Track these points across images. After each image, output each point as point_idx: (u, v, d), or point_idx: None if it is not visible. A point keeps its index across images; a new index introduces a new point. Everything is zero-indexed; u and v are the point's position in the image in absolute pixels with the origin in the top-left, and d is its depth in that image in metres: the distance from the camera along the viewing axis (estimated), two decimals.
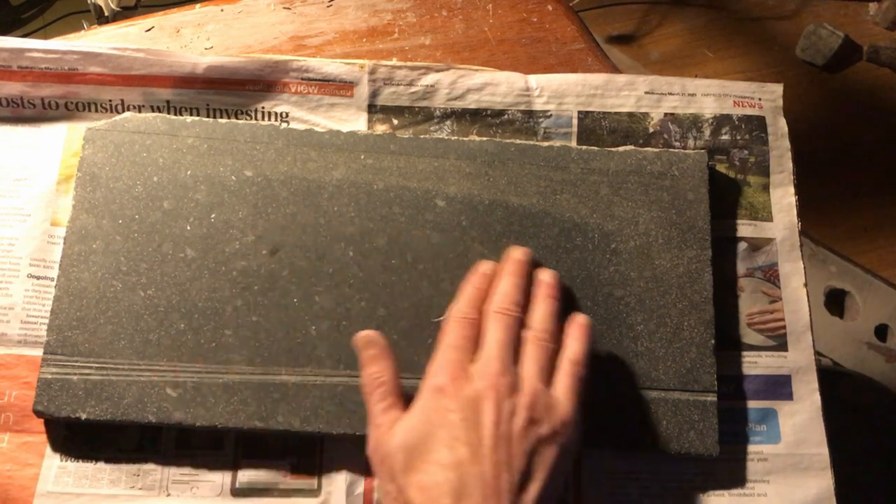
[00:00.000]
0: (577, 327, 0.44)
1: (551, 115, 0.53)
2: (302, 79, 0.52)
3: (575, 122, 0.53)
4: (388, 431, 0.40)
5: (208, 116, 0.51)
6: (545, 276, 0.45)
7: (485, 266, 0.46)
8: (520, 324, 0.43)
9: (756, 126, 0.53)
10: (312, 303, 0.47)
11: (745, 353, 0.49)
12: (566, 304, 0.46)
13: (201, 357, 0.46)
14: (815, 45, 1.33)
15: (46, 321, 0.46)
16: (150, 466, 0.46)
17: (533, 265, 0.46)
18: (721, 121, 0.53)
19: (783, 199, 0.52)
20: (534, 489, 0.38)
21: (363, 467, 0.46)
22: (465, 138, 0.51)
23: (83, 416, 0.44)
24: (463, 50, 0.57)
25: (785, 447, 0.48)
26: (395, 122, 0.52)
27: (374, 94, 0.52)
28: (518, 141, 0.51)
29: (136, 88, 0.51)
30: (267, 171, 0.49)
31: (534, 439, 0.39)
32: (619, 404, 0.46)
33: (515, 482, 0.37)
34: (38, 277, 0.48)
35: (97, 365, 0.45)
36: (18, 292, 0.47)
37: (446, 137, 0.51)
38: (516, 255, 0.46)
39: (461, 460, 0.38)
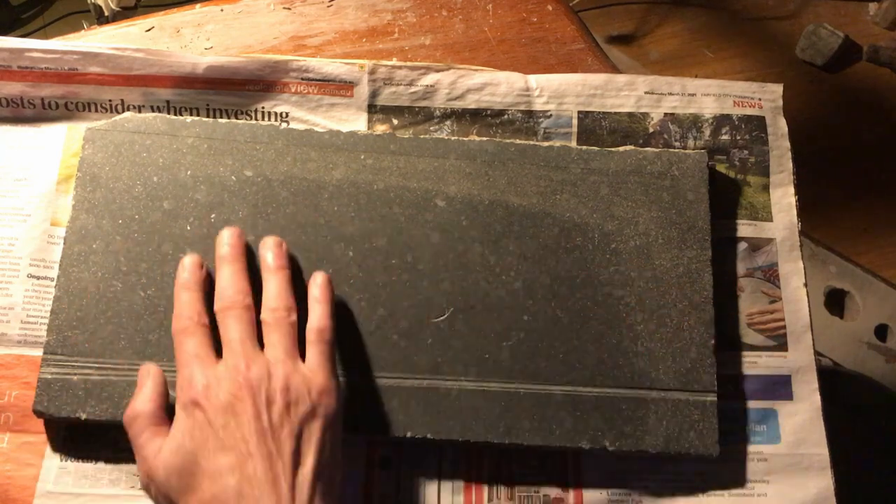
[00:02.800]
0: (315, 288, 0.44)
1: (551, 115, 0.53)
2: (302, 79, 0.52)
3: (575, 122, 0.53)
4: (154, 460, 0.39)
5: (208, 116, 0.51)
6: (270, 247, 0.45)
7: (186, 261, 0.44)
8: (252, 310, 0.42)
9: (756, 126, 0.53)
10: None
11: (745, 353, 0.49)
12: (296, 268, 0.46)
13: None
14: (815, 45, 1.33)
15: (46, 321, 0.46)
16: None
17: (245, 243, 0.45)
18: (721, 121, 0.53)
19: (783, 199, 0.52)
20: (308, 463, 0.38)
21: (364, 467, 0.46)
22: (465, 138, 0.51)
23: (83, 416, 0.44)
24: (463, 50, 0.57)
25: (785, 447, 0.48)
26: (395, 122, 0.52)
27: (374, 94, 0.52)
28: (518, 141, 0.51)
29: (136, 88, 0.51)
30: (267, 171, 0.49)
31: (296, 419, 0.39)
32: (619, 404, 0.46)
33: (288, 464, 0.38)
34: (38, 277, 0.48)
35: (97, 365, 0.45)
36: (18, 292, 0.47)
37: (446, 137, 0.51)
38: (224, 239, 0.45)
39: (232, 465, 0.38)
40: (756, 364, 0.49)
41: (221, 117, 0.52)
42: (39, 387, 0.45)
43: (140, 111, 0.51)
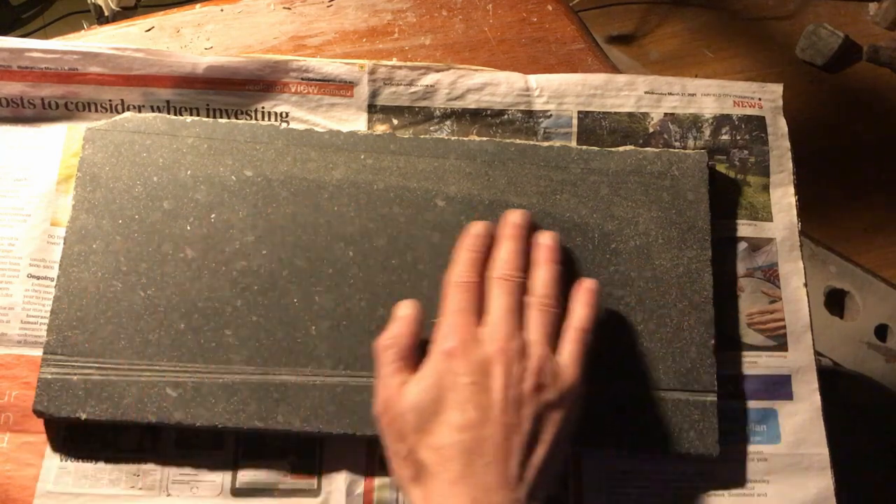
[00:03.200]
0: (583, 292, 0.44)
1: (551, 115, 0.53)
2: (302, 79, 0.52)
3: (575, 122, 0.53)
4: (398, 392, 0.40)
5: (208, 116, 0.51)
6: (545, 240, 0.45)
7: (477, 227, 0.46)
8: (522, 289, 0.43)
9: (756, 126, 0.53)
10: (312, 303, 0.47)
11: (745, 353, 0.49)
12: (569, 267, 0.47)
13: (201, 357, 0.46)
14: (815, 45, 1.33)
15: (46, 321, 0.46)
16: (149, 466, 0.46)
17: (532, 228, 0.46)
18: (721, 121, 0.53)
19: (783, 199, 0.52)
20: (541, 451, 0.39)
21: (363, 467, 0.46)
22: (465, 138, 0.51)
23: (83, 416, 0.44)
24: (463, 50, 0.57)
25: (785, 447, 0.48)
26: (395, 122, 0.52)
27: (374, 94, 0.52)
28: (518, 141, 0.51)
29: (136, 88, 0.51)
30: (267, 171, 0.49)
31: (541, 404, 0.40)
32: (618, 404, 0.46)
33: (524, 444, 0.38)
34: (38, 277, 0.48)
35: (97, 365, 0.45)
36: (18, 292, 0.47)
37: (446, 137, 0.51)
38: (514, 218, 0.46)
39: (472, 422, 0.38)
40: (756, 364, 0.49)
41: (221, 117, 0.52)
42: (39, 387, 0.45)
43: (140, 111, 0.51)
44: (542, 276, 0.44)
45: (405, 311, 0.43)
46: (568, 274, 0.45)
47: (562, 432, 0.40)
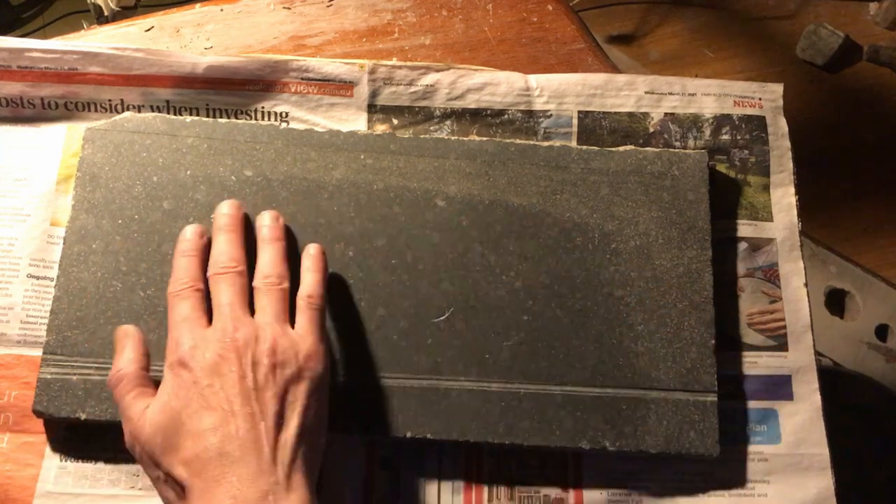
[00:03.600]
0: (308, 259, 0.44)
1: (551, 114, 0.53)
2: (302, 79, 0.52)
3: (575, 121, 0.53)
4: (140, 419, 0.40)
5: (208, 116, 0.51)
6: (264, 220, 0.45)
7: (185, 231, 0.45)
8: (245, 277, 0.43)
9: (756, 126, 0.53)
10: None
11: (745, 354, 0.49)
12: (292, 242, 0.47)
13: None
14: (815, 45, 1.33)
15: (46, 321, 0.46)
16: None
17: (245, 217, 0.46)
18: (721, 121, 0.53)
19: (783, 199, 0.52)
20: (292, 425, 0.39)
21: (363, 468, 0.46)
22: (465, 138, 0.51)
23: (83, 416, 0.44)
24: (463, 50, 0.57)
25: (785, 447, 0.48)
26: (395, 121, 0.52)
27: (373, 94, 0.52)
28: (518, 141, 0.51)
29: (135, 88, 0.51)
30: (267, 171, 0.49)
31: (282, 381, 0.39)
32: (619, 404, 0.46)
33: (271, 426, 0.38)
34: (37, 277, 0.48)
35: (97, 365, 0.45)
36: (18, 292, 0.47)
37: (446, 137, 0.51)
38: (223, 209, 0.46)
39: (215, 424, 0.38)
40: (756, 364, 0.49)
41: (221, 117, 0.51)
42: (39, 387, 0.45)
43: (140, 111, 0.51)
44: (265, 257, 0.44)
45: (123, 339, 0.43)
46: (294, 250, 0.46)
47: (310, 399, 0.40)
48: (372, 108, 0.52)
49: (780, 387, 0.49)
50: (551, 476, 0.47)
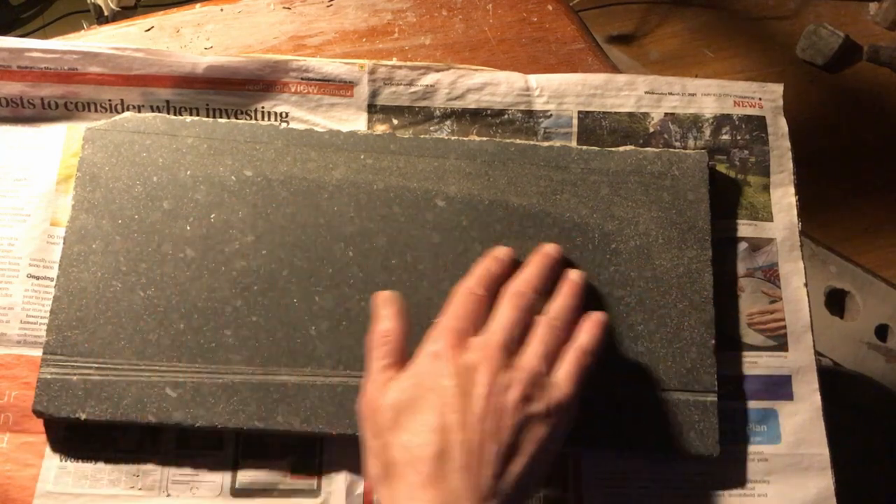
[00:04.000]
0: (592, 322, 0.43)
1: (551, 115, 0.53)
2: (302, 79, 0.52)
3: (575, 122, 0.53)
4: (382, 388, 0.40)
5: (208, 116, 0.51)
6: (574, 276, 0.45)
7: (501, 251, 0.45)
8: (533, 310, 0.42)
9: (756, 126, 0.53)
10: (312, 303, 0.47)
11: (745, 354, 0.49)
12: (589, 308, 0.46)
13: (201, 357, 0.46)
14: (815, 45, 1.33)
15: (46, 321, 0.46)
16: (149, 466, 0.46)
17: (563, 263, 0.46)
18: (721, 121, 0.53)
19: (783, 199, 0.52)
20: (518, 463, 0.38)
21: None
22: (465, 138, 0.51)
23: (83, 417, 0.44)
24: (463, 50, 0.57)
25: (785, 447, 0.48)
26: (395, 121, 0.52)
27: (373, 94, 0.52)
28: (518, 141, 0.51)
29: (135, 88, 0.51)
30: (267, 171, 0.49)
31: (525, 415, 0.39)
32: (619, 404, 0.46)
33: (501, 454, 0.37)
34: (37, 277, 0.48)
35: (97, 365, 0.45)
36: (18, 292, 0.47)
37: (446, 137, 0.51)
38: (547, 249, 0.46)
39: (448, 426, 0.37)
40: (756, 364, 0.49)
41: (221, 117, 0.51)
42: (39, 387, 0.45)
43: (140, 111, 0.51)
44: (560, 302, 0.43)
45: (394, 306, 0.43)
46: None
47: (545, 446, 0.39)
48: (372, 108, 0.52)
49: (780, 387, 0.49)
50: (551, 476, 0.47)
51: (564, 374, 0.41)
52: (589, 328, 0.43)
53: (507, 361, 0.40)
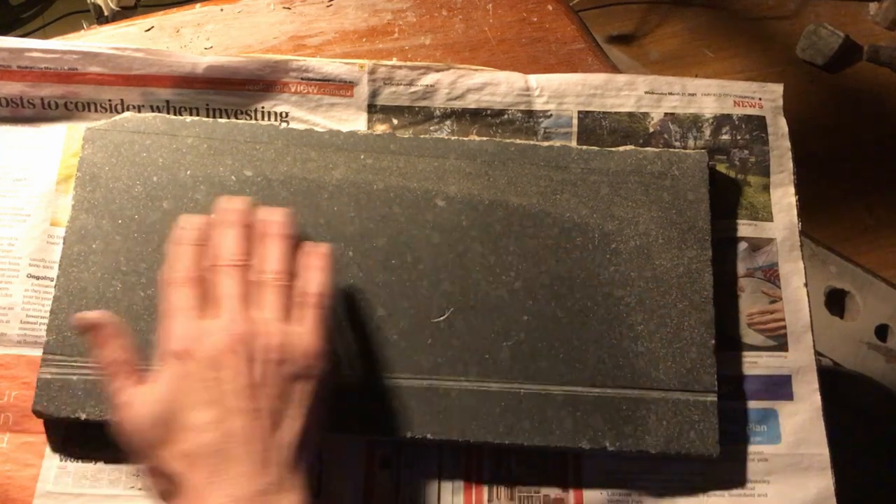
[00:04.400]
0: (314, 257, 0.43)
1: (551, 114, 0.53)
2: (302, 79, 0.52)
3: (575, 121, 0.53)
4: (133, 408, 0.39)
5: (208, 116, 0.51)
6: (273, 215, 0.44)
7: (186, 220, 0.44)
8: (249, 270, 0.42)
9: (756, 126, 0.53)
10: None
11: (745, 354, 0.49)
12: (299, 241, 0.45)
13: None
14: (815, 45, 1.33)
15: (46, 321, 0.46)
16: None
17: (253, 211, 0.44)
18: (721, 121, 0.53)
19: (783, 199, 0.52)
20: (290, 426, 0.38)
21: (363, 468, 0.46)
22: (465, 138, 0.51)
23: (83, 416, 0.44)
24: (463, 50, 0.57)
25: (785, 447, 0.48)
26: (395, 121, 0.52)
27: (373, 94, 0.52)
28: (518, 141, 0.51)
29: (135, 88, 0.51)
30: (267, 171, 0.49)
31: (281, 379, 0.39)
32: (619, 404, 0.46)
33: (270, 425, 0.38)
34: (37, 277, 0.48)
35: (97, 365, 0.45)
36: (18, 292, 0.47)
37: (446, 137, 0.51)
38: (228, 203, 0.44)
39: (213, 420, 0.37)
40: (756, 364, 0.49)
41: (221, 117, 0.51)
42: (39, 387, 0.45)
43: (140, 111, 0.51)
44: (273, 252, 0.43)
45: (100, 325, 0.41)
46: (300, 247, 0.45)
47: (311, 400, 0.39)
48: (372, 108, 0.52)
49: (780, 387, 0.49)
50: (551, 476, 0.47)
51: (307, 324, 0.41)
52: (314, 266, 0.43)
53: (245, 335, 0.39)
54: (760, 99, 0.54)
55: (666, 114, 0.53)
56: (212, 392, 0.38)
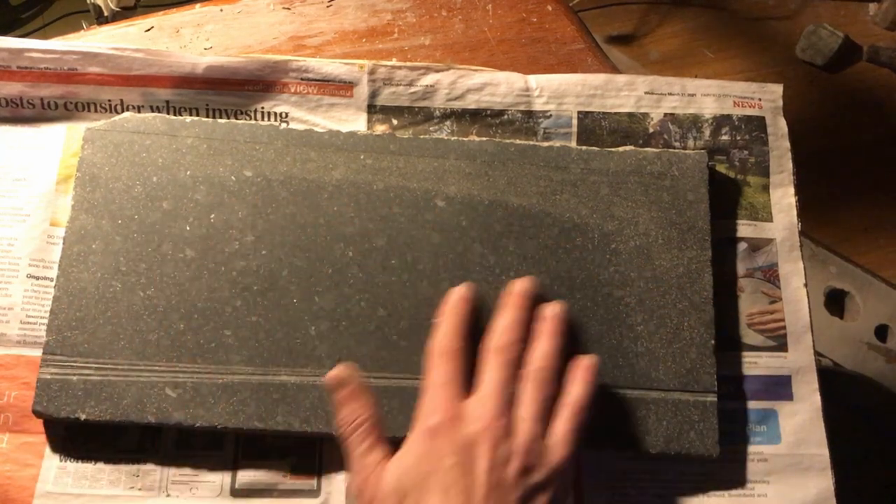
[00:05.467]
0: (582, 370, 0.43)
1: (551, 115, 0.53)
2: (301, 79, 0.52)
3: (575, 122, 0.53)
4: (378, 473, 0.39)
5: (208, 116, 0.51)
6: (552, 311, 0.44)
7: (464, 290, 0.44)
8: (518, 362, 0.42)
9: (756, 126, 0.53)
10: (312, 303, 0.47)
11: (745, 354, 0.49)
12: (573, 340, 0.45)
13: (201, 357, 0.46)
14: (815, 45, 1.33)
15: (46, 321, 0.46)
16: (149, 467, 0.45)
17: (538, 298, 0.45)
18: (721, 121, 0.53)
19: (783, 199, 0.52)
20: None
21: None
22: (464, 138, 0.51)
23: (82, 417, 0.44)
24: (463, 50, 0.57)
25: (785, 447, 0.48)
26: (395, 122, 0.52)
27: (373, 95, 0.52)
28: (518, 141, 0.51)
29: (135, 88, 0.51)
30: (266, 172, 0.49)
31: (527, 487, 0.38)
32: (619, 404, 0.46)
33: None
34: (37, 277, 0.48)
35: (96, 365, 0.45)
36: (18, 292, 0.47)
37: (446, 137, 0.51)
38: (519, 287, 0.45)
39: None
40: (756, 364, 0.49)
41: (221, 117, 0.51)
42: (39, 387, 0.45)
43: (139, 111, 0.51)
44: (542, 348, 0.42)
45: (350, 383, 0.42)
46: (574, 348, 0.45)
47: None
48: (372, 109, 0.52)
49: (780, 387, 0.49)
50: None
51: (560, 435, 0.40)
52: (580, 378, 0.42)
53: (503, 430, 0.39)
54: (760, 99, 0.54)
55: (666, 114, 0.53)
56: (461, 479, 0.38)
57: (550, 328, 0.43)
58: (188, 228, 0.48)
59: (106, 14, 0.88)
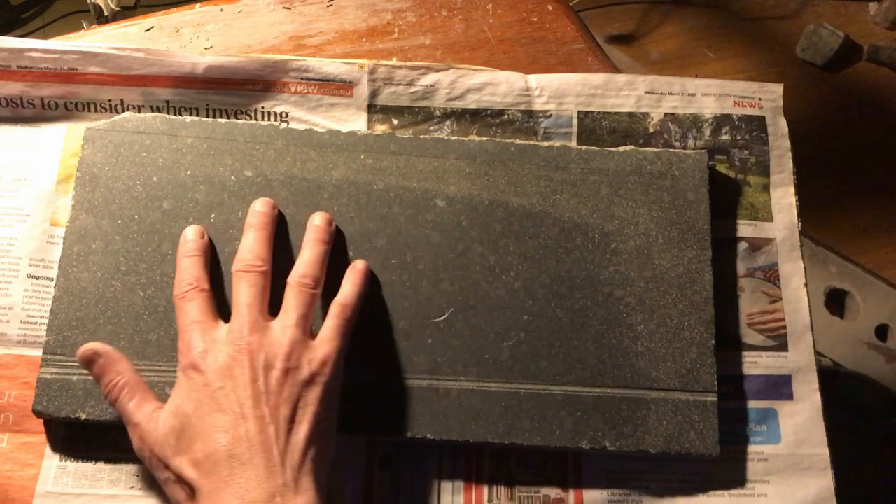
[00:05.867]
0: (353, 272, 0.45)
1: (551, 115, 0.53)
2: (301, 79, 0.52)
3: (575, 122, 0.53)
4: (154, 421, 0.40)
5: (208, 116, 0.51)
6: (317, 220, 0.46)
7: (188, 233, 0.46)
8: (268, 278, 0.43)
9: (756, 126, 0.53)
10: None
11: (745, 354, 0.49)
12: (341, 250, 0.47)
13: None
14: (816, 45, 1.33)
15: (46, 321, 0.46)
16: None
17: (279, 218, 0.46)
18: (721, 121, 0.53)
19: (783, 199, 0.52)
20: (302, 430, 0.39)
21: (363, 467, 0.46)
22: (465, 138, 0.51)
23: (83, 417, 0.44)
24: (463, 50, 0.57)
25: (785, 447, 0.48)
26: (395, 121, 0.52)
27: (373, 94, 0.52)
28: (518, 141, 0.51)
29: (135, 88, 0.51)
30: (267, 171, 0.49)
31: (294, 386, 0.40)
32: (619, 404, 0.46)
33: (282, 429, 0.39)
34: (37, 277, 0.48)
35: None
36: (18, 292, 0.47)
37: (446, 137, 0.51)
38: (256, 206, 0.46)
39: (225, 426, 0.38)
40: (756, 364, 0.49)
41: (221, 117, 0.51)
42: (39, 387, 0.45)
43: (140, 111, 0.51)
44: (305, 256, 0.44)
45: (100, 354, 0.42)
46: (342, 259, 0.46)
47: (321, 404, 0.40)
48: (372, 108, 0.52)
49: (780, 387, 0.49)
50: (551, 476, 0.47)
51: (326, 333, 0.42)
52: (349, 279, 0.44)
53: (257, 344, 0.40)
54: (760, 99, 0.54)
55: (666, 114, 0.53)
56: (223, 400, 0.39)
57: (315, 236, 0.45)
58: None
59: (106, 14, 0.88)
